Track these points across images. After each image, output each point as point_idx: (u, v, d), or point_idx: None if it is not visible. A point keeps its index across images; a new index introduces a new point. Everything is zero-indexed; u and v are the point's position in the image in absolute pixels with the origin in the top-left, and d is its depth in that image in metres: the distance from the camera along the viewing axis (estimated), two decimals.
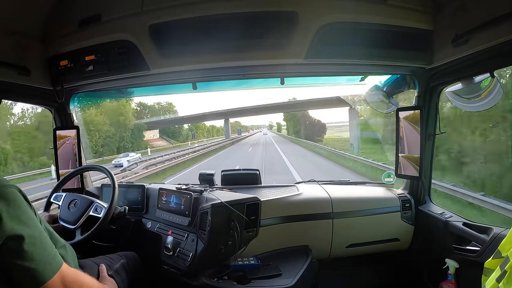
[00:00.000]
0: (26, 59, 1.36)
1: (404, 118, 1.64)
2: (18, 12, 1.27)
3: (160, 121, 37.06)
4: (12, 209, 0.70)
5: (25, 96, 1.55)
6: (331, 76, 1.79)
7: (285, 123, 52.96)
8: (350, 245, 1.68)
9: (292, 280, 1.30)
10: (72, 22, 1.42)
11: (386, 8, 1.30)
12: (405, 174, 1.68)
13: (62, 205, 1.45)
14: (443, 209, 1.63)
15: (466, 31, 1.12)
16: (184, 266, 1.37)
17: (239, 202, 1.44)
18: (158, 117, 37.73)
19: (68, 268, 0.79)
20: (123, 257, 1.33)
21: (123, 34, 1.39)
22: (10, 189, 0.73)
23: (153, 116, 37.88)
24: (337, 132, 38.39)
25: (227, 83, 1.84)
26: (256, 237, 1.49)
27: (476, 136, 6.72)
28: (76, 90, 1.73)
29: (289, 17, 1.30)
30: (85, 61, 1.47)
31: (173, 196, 1.59)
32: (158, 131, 37.10)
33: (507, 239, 0.77)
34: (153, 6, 1.33)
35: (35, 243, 0.71)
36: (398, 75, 1.68)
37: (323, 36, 1.31)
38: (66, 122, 1.85)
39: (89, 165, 1.90)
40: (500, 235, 1.21)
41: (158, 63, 1.41)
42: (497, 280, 0.70)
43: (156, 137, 36.84)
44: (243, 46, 1.35)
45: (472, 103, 1.31)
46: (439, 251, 1.51)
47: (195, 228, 1.44)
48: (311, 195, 1.71)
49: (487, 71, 1.20)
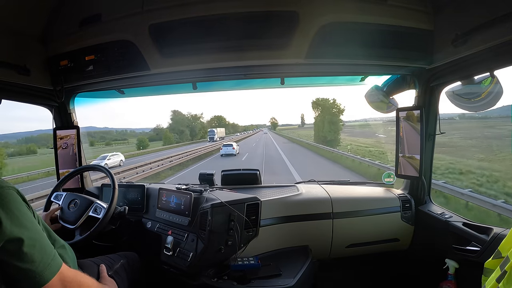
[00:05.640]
0: (26, 59, 1.36)
1: (404, 118, 1.64)
2: (18, 12, 1.28)
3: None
4: (11, 211, 0.70)
5: (25, 96, 1.55)
6: (331, 76, 1.79)
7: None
8: (350, 245, 1.68)
9: (292, 280, 1.30)
10: (72, 22, 1.42)
11: (386, 8, 1.30)
12: (405, 174, 1.68)
13: (62, 205, 1.45)
14: (443, 209, 1.63)
15: (466, 31, 1.12)
16: (184, 266, 1.37)
17: (239, 202, 1.44)
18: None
19: (68, 269, 0.79)
20: (123, 257, 1.33)
21: (123, 34, 1.39)
22: (9, 191, 0.73)
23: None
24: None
25: (227, 83, 1.83)
26: (256, 237, 1.49)
27: None
28: (76, 90, 1.74)
29: (289, 17, 1.30)
30: (85, 61, 1.48)
31: (173, 196, 1.59)
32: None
33: (507, 239, 0.77)
34: (153, 6, 1.33)
35: (34, 245, 0.71)
36: (398, 75, 1.68)
37: (323, 36, 1.31)
38: (66, 122, 1.85)
39: (89, 165, 1.90)
40: (500, 235, 1.21)
41: (158, 63, 1.41)
42: (497, 280, 0.70)
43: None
44: (243, 46, 1.35)
45: (472, 103, 1.31)
46: (439, 251, 1.51)
47: (195, 228, 1.44)
48: (311, 195, 1.71)
49: (487, 71, 1.20)
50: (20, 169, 20.07)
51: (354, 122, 44.67)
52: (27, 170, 18.57)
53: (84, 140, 1.95)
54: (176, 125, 59.99)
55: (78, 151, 1.86)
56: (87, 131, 20.44)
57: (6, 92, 1.41)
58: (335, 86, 2.01)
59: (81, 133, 1.88)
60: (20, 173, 17.70)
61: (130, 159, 22.65)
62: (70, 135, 1.84)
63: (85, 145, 1.97)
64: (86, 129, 16.63)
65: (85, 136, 1.99)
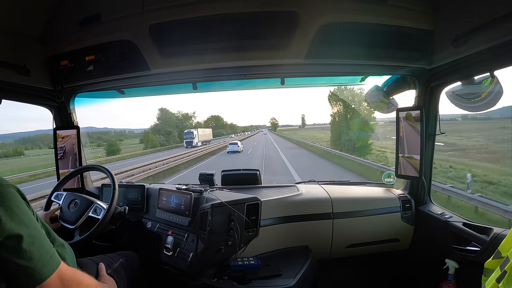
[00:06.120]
0: (26, 59, 1.36)
1: (404, 118, 1.64)
2: (18, 12, 1.28)
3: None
4: (11, 208, 0.71)
5: (25, 96, 1.55)
6: (331, 76, 1.79)
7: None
8: (350, 245, 1.68)
9: (292, 280, 1.30)
10: (72, 22, 1.42)
11: (386, 8, 1.30)
12: (405, 175, 1.68)
13: (62, 205, 1.45)
14: (443, 209, 1.63)
15: (466, 31, 1.12)
16: (184, 266, 1.37)
17: (239, 202, 1.44)
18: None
19: (66, 267, 0.80)
20: (122, 257, 1.33)
21: (124, 34, 1.39)
22: (9, 189, 0.73)
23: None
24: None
25: (227, 83, 1.83)
26: (256, 237, 1.49)
27: None
28: (76, 90, 1.74)
29: (289, 17, 1.30)
30: (85, 61, 1.48)
31: (173, 196, 1.59)
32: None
33: (507, 239, 0.77)
34: (153, 6, 1.33)
35: (33, 242, 0.72)
36: (398, 75, 1.68)
37: (323, 36, 1.31)
38: (66, 122, 1.85)
39: (89, 165, 1.90)
40: (500, 235, 1.21)
41: (159, 63, 1.41)
42: (497, 280, 0.70)
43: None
44: (243, 46, 1.35)
45: (472, 104, 1.31)
46: (439, 251, 1.51)
47: (195, 228, 1.44)
48: (311, 195, 1.71)
49: (487, 71, 1.20)
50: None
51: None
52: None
53: (83, 140, 1.95)
54: (163, 125, 53.12)
55: (78, 151, 1.86)
56: (87, 131, 20.08)
57: (6, 92, 1.41)
58: (335, 86, 2.01)
59: (81, 133, 1.88)
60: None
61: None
62: (70, 135, 1.85)
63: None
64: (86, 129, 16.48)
65: (84, 136, 1.99)
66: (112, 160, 24.54)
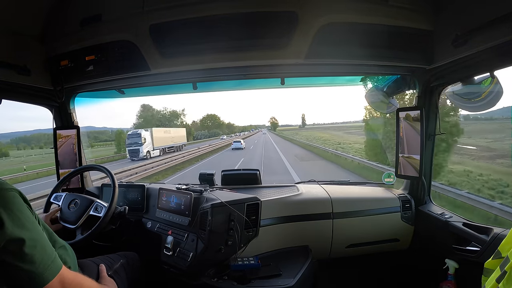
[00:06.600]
0: (26, 59, 1.36)
1: (404, 118, 1.64)
2: (18, 12, 1.28)
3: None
4: (13, 212, 0.71)
5: (25, 96, 1.55)
6: (331, 76, 1.79)
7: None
8: (350, 245, 1.68)
9: (292, 280, 1.30)
10: (72, 22, 1.42)
11: (386, 9, 1.30)
12: (405, 175, 1.68)
13: (62, 205, 1.45)
14: (443, 209, 1.63)
15: (466, 32, 1.12)
16: (184, 266, 1.37)
17: (239, 202, 1.44)
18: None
19: (68, 271, 0.80)
20: (122, 257, 1.33)
21: (124, 34, 1.39)
22: (11, 193, 0.74)
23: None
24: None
25: (227, 83, 1.84)
26: (256, 237, 1.49)
27: None
28: (76, 90, 1.74)
29: (289, 17, 1.30)
30: (86, 61, 1.48)
31: (173, 196, 1.59)
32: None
33: (507, 239, 0.77)
34: (153, 6, 1.33)
35: (35, 245, 0.72)
36: (399, 76, 1.68)
37: (323, 36, 1.31)
38: (66, 122, 1.85)
39: (89, 165, 1.90)
40: (500, 235, 1.21)
41: (159, 63, 1.41)
42: (497, 281, 0.70)
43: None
44: (243, 46, 1.35)
45: (473, 104, 1.31)
46: (439, 251, 1.51)
47: (195, 228, 1.44)
48: (311, 195, 1.71)
49: (487, 71, 1.20)
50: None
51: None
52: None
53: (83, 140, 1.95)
54: (145, 123, 46.70)
55: (78, 151, 1.86)
56: (86, 131, 19.24)
57: (6, 92, 1.41)
58: (335, 86, 2.01)
59: (81, 133, 1.88)
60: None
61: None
62: (70, 135, 1.85)
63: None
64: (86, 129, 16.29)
65: (84, 136, 1.99)
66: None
